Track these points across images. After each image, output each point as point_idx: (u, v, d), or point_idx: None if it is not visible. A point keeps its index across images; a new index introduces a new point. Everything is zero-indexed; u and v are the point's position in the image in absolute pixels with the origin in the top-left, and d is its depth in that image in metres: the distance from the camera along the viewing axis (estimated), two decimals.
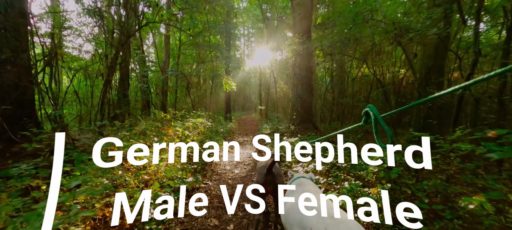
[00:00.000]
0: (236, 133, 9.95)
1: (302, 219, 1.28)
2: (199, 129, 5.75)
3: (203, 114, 7.33)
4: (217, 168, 4.46)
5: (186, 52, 14.28)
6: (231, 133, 9.64)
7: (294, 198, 1.46)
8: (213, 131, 7.56)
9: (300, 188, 1.65)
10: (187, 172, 3.37)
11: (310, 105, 7.93)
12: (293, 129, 7.16)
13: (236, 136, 9.01)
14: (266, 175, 2.15)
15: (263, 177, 2.17)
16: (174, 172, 3.06)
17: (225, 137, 8.22)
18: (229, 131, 9.96)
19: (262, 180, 2.17)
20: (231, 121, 13.37)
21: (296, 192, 1.60)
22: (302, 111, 7.74)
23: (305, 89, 7.84)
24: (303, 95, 7.82)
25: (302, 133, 7.07)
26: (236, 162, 4.98)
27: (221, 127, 9.69)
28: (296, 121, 7.68)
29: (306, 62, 7.85)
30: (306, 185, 1.70)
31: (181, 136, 4.59)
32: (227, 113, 13.84)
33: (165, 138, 4.19)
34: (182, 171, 3.22)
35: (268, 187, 2.13)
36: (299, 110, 7.78)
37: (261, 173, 2.24)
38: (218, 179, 3.80)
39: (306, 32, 7.56)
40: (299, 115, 7.65)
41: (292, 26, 8.13)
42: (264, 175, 2.17)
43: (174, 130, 4.35)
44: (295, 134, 6.92)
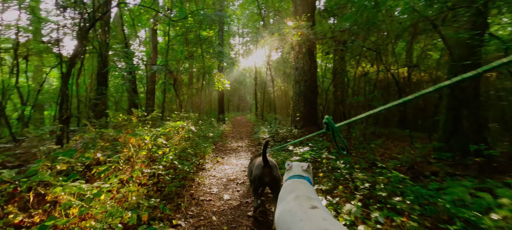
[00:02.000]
0: (229, 136, 8.65)
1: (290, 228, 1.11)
2: (180, 135, 4.44)
3: (189, 115, 6.01)
4: (198, 191, 3.17)
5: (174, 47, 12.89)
6: (223, 137, 8.33)
7: (285, 204, 1.29)
8: (200, 136, 6.25)
9: (293, 194, 1.35)
10: (143, 210, 2.06)
11: (315, 104, 6.72)
12: (296, 133, 5.92)
13: (229, 140, 7.72)
14: (264, 167, 2.14)
15: (260, 170, 2.15)
16: (115, 216, 1.76)
17: (216, 142, 6.92)
18: (221, 135, 8.65)
19: (259, 173, 2.14)
20: (225, 123, 12.05)
21: (288, 198, 1.34)
22: (306, 112, 6.53)
23: (308, 86, 6.63)
24: (306, 93, 6.61)
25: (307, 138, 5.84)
26: (226, 180, 3.71)
27: (212, 130, 8.37)
28: (299, 123, 6.45)
29: (309, 54, 6.65)
30: (299, 190, 1.39)
31: (151, 147, 3.27)
32: (220, 114, 12.53)
33: (124, 152, 2.87)
34: (133, 211, 1.91)
35: (266, 178, 2.11)
36: (303, 111, 6.56)
37: (259, 166, 2.20)
38: (198, 213, 2.51)
39: (309, 18, 6.36)
40: (302, 117, 6.43)
41: (293, 13, 6.91)
42: (262, 167, 2.15)
43: (138, 140, 3.04)
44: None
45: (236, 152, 5.77)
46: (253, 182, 2.25)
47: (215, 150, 5.96)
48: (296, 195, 1.30)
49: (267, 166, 2.12)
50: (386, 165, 4.00)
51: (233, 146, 6.65)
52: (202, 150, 5.01)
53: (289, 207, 1.20)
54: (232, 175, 3.99)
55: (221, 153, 5.65)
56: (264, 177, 2.09)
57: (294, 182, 1.51)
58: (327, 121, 1.21)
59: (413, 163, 4.12)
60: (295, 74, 6.87)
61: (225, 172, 4.11)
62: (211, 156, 5.15)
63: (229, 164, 4.67)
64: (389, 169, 3.27)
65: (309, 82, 6.60)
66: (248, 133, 9.58)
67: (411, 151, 4.72)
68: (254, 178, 2.22)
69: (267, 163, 2.13)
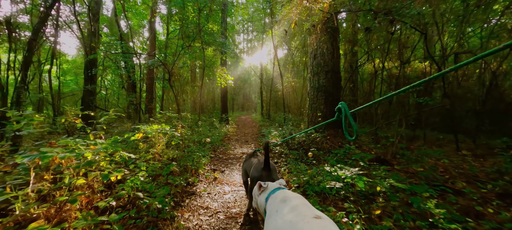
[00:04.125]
0: (233, 139, 7.29)
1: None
2: (161, 143, 3.10)
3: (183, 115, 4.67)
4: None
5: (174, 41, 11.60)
6: (226, 140, 6.99)
7: (283, 216, 1.09)
8: (196, 142, 4.90)
9: (288, 203, 1.17)
10: None
11: (338, 101, 5.29)
12: (320, 139, 4.51)
13: (232, 144, 6.36)
14: (263, 169, 1.88)
15: (259, 172, 1.88)
16: None
17: (216, 148, 5.56)
18: (224, 137, 7.30)
19: (258, 176, 1.87)
20: (228, 123, 10.71)
21: (284, 209, 1.14)
22: (327, 110, 5.11)
23: (330, 79, 5.20)
24: (328, 88, 5.18)
25: (333, 144, 4.43)
26: (224, 216, 2.35)
27: (212, 132, 7.02)
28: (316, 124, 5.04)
29: (332, 39, 5.22)
30: (294, 199, 1.20)
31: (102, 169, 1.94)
32: (224, 114, 11.19)
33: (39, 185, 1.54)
34: None
35: (264, 180, 1.76)
36: (323, 109, 5.14)
37: (257, 168, 1.94)
38: None
39: None
40: (324, 117, 5.01)
41: None
42: (261, 169, 1.89)
43: (67, 159, 1.70)
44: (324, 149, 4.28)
45: (240, 162, 4.40)
46: (249, 183, 2.08)
47: (214, 159, 4.61)
48: (295, 205, 1.12)
49: (266, 169, 1.88)
50: (458, 187, 2.57)
51: (237, 153, 5.28)
52: (195, 162, 3.66)
53: (289, 218, 1.03)
54: (234, 205, 2.62)
55: (221, 164, 4.29)
56: (262, 180, 1.74)
57: (283, 192, 1.32)
58: (341, 106, 1.22)
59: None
60: (313, 64, 5.44)
61: (223, 200, 2.75)
62: (207, 170, 3.79)
63: (231, 183, 3.30)
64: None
65: (331, 74, 5.18)
66: (254, 135, 8.20)
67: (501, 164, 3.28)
68: (251, 180, 1.99)
69: (268, 165, 1.88)
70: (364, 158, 3.39)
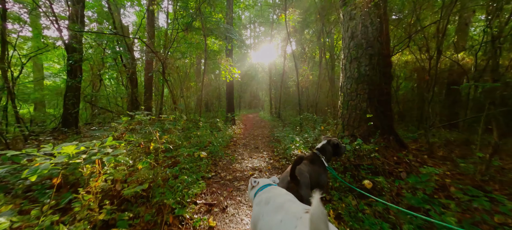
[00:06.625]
0: (240, 143, 5.81)
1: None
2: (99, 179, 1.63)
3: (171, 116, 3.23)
4: None
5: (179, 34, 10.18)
6: (231, 146, 5.52)
7: (272, 216, 1.05)
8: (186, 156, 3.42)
9: (273, 202, 1.13)
10: None
11: (388, 96, 3.69)
12: (370, 149, 2.94)
13: (239, 152, 4.89)
14: (290, 181, 1.56)
15: (285, 185, 1.59)
16: None
17: (218, 160, 4.08)
18: (229, 142, 5.83)
19: (285, 188, 1.45)
20: (234, 124, 9.24)
21: (269, 208, 1.11)
22: (372, 109, 3.53)
23: (376, 65, 3.61)
24: (373, 77, 3.60)
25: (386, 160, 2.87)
26: None
27: (214, 135, 5.56)
28: (364, 130, 3.46)
29: (378, 11, 3.61)
30: (280, 196, 1.17)
31: None
32: (229, 112, 9.72)
33: None
34: None
35: None
36: (366, 108, 3.56)
37: (283, 180, 1.66)
38: None
39: None
40: (367, 119, 3.44)
41: None
42: (287, 182, 1.59)
43: None
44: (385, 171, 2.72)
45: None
46: None
47: (213, 181, 3.13)
48: (280, 203, 1.07)
49: (294, 181, 1.54)
50: None
51: (245, 167, 3.79)
52: (178, 194, 2.21)
53: (280, 217, 0.98)
54: None
55: (222, 190, 2.81)
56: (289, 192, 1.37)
57: (269, 190, 1.27)
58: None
59: None
60: (349, 46, 3.87)
61: None
62: (199, 205, 2.33)
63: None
64: None
65: (377, 58, 3.61)
66: (266, 138, 6.69)
67: None
68: None
69: (294, 177, 1.54)
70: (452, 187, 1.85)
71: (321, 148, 2.19)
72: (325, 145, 2.21)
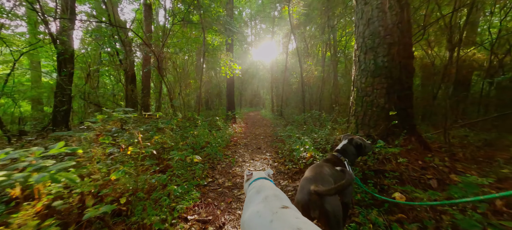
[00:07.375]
0: (241, 143, 5.38)
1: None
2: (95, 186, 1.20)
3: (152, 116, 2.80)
4: None
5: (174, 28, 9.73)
6: (231, 146, 5.08)
7: (254, 206, 1.06)
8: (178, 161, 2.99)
9: (262, 194, 1.13)
10: None
11: (410, 91, 3.23)
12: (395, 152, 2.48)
13: (239, 153, 4.46)
14: (311, 193, 1.15)
15: (305, 196, 1.18)
16: None
17: (215, 163, 3.64)
18: (229, 142, 5.39)
19: (304, 201, 1.17)
20: (235, 122, 8.81)
21: (257, 199, 1.12)
22: (390, 106, 3.07)
23: (395, 56, 3.14)
24: (392, 69, 3.14)
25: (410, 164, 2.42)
26: None
27: (213, 135, 5.12)
28: (382, 129, 3.01)
29: None
30: (267, 190, 1.17)
31: None
32: (230, 110, 9.28)
33: None
34: None
35: (312, 210, 1.13)
36: (384, 105, 3.11)
37: (304, 188, 1.23)
38: None
39: None
40: (386, 117, 2.98)
41: None
42: (308, 192, 1.16)
43: None
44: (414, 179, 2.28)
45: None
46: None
47: (209, 189, 2.70)
48: (265, 196, 1.09)
49: (317, 192, 1.14)
50: None
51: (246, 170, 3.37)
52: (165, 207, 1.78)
53: (257, 209, 0.99)
54: None
55: (219, 201, 2.38)
56: (310, 206, 1.12)
57: (261, 182, 1.31)
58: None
59: None
60: (364, 35, 3.41)
61: None
62: (190, 222, 1.90)
63: None
64: None
65: (397, 48, 3.15)
66: (268, 137, 6.26)
67: None
68: (296, 204, 1.20)
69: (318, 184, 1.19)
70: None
71: (342, 149, 1.77)
72: (347, 146, 1.79)
